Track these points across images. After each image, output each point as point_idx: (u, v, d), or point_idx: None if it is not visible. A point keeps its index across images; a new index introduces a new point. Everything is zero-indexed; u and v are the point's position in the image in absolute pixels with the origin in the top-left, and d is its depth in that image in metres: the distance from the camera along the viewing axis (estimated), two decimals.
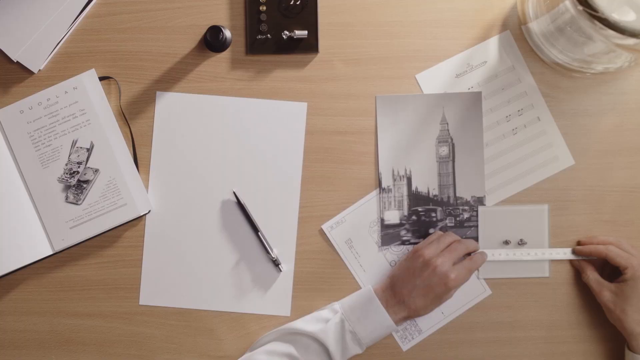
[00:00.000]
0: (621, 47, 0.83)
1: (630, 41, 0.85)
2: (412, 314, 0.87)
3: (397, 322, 0.87)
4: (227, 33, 0.92)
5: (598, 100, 0.94)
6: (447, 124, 0.94)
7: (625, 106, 0.94)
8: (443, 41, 0.94)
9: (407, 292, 0.86)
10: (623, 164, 0.94)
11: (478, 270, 0.94)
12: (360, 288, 0.93)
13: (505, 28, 0.94)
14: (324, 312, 0.89)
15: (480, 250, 0.92)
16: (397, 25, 0.94)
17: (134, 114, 0.94)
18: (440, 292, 0.86)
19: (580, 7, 0.84)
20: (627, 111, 0.94)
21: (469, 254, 0.91)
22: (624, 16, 0.83)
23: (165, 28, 0.94)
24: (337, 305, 0.89)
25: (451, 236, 0.90)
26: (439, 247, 0.88)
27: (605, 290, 0.89)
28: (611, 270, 0.91)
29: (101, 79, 0.93)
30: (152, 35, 0.94)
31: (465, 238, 0.93)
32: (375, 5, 0.94)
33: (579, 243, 0.93)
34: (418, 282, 0.86)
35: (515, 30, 0.94)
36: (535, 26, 0.91)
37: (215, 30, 0.90)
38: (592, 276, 0.91)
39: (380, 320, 0.86)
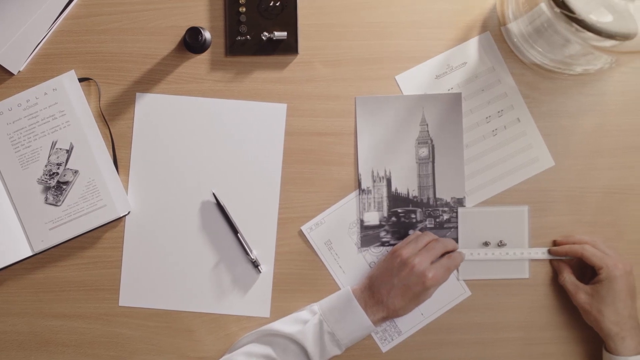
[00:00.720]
0: (598, 49, 0.83)
1: (608, 43, 0.85)
2: (391, 314, 0.87)
3: (376, 322, 0.87)
4: (207, 34, 0.92)
5: (578, 101, 0.94)
6: (427, 125, 0.94)
7: (605, 107, 0.94)
8: (423, 42, 0.94)
9: (386, 292, 0.86)
10: (603, 165, 0.94)
11: (457, 270, 0.94)
12: (340, 289, 0.93)
13: (485, 29, 0.94)
14: (303, 314, 0.89)
15: (458, 250, 0.92)
16: (377, 27, 0.94)
17: (113, 115, 0.94)
18: (418, 291, 0.86)
19: (557, 10, 0.84)
20: (608, 112, 0.94)
21: (448, 253, 0.91)
22: (601, 18, 0.83)
23: (145, 29, 0.94)
24: (315, 306, 0.89)
25: (429, 235, 0.90)
26: (416, 247, 0.88)
27: (580, 292, 0.89)
28: (592, 275, 0.91)
29: (81, 80, 0.93)
30: (132, 37, 0.94)
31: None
32: (355, 7, 0.94)
33: (555, 243, 0.93)
34: (396, 281, 0.86)
35: (495, 31, 0.94)
36: (515, 27, 0.91)
37: (194, 32, 0.90)
38: (568, 278, 0.91)
39: (359, 321, 0.86)
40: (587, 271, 0.93)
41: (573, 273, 0.91)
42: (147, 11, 0.94)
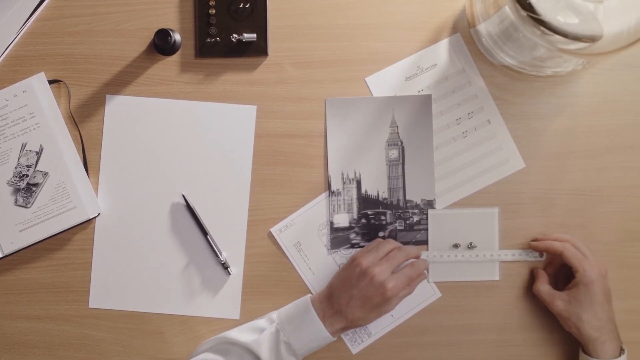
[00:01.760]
0: (564, 52, 0.82)
1: (574, 45, 0.85)
2: (351, 325, 0.86)
3: (334, 333, 0.86)
4: (177, 36, 0.92)
5: (549, 103, 0.94)
6: (397, 126, 0.94)
7: (576, 109, 0.94)
8: (393, 44, 0.94)
9: (345, 303, 0.85)
10: (574, 167, 0.94)
11: (427, 272, 0.93)
12: (310, 291, 0.93)
13: (455, 31, 0.94)
14: (261, 322, 0.88)
15: (422, 257, 0.91)
16: (347, 28, 0.94)
17: (83, 117, 0.94)
18: (378, 302, 0.85)
19: (523, 13, 0.84)
20: (578, 114, 0.94)
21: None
22: (567, 20, 0.83)
23: (115, 31, 0.94)
24: (274, 314, 0.88)
25: (391, 243, 0.89)
26: (377, 255, 0.87)
27: (557, 300, 0.88)
28: (564, 282, 0.91)
29: (51, 82, 0.93)
30: (102, 39, 0.94)
31: (415, 242, 0.93)
32: (325, 8, 0.94)
33: (534, 240, 0.92)
34: (355, 292, 0.85)
35: (465, 33, 0.94)
36: (483, 29, 0.90)
37: (163, 34, 0.90)
38: (542, 287, 0.89)
39: (316, 331, 0.85)
40: (559, 279, 0.92)
41: (548, 282, 0.90)
42: (117, 13, 0.94)
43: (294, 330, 0.85)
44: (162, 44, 0.90)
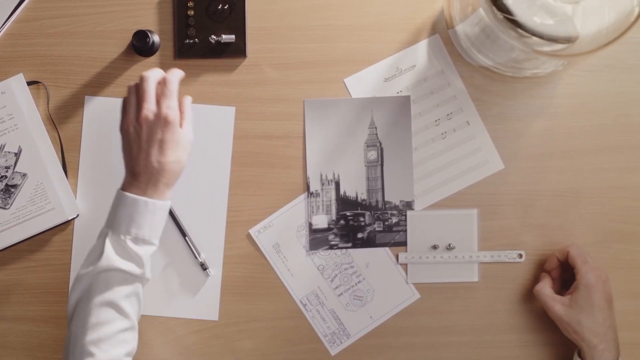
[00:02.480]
0: (540, 54, 0.82)
1: (551, 47, 0.85)
2: (165, 175, 0.81)
3: (159, 195, 0.81)
4: (155, 37, 0.92)
5: (528, 104, 0.94)
6: (376, 128, 0.94)
7: (555, 110, 0.94)
8: (372, 45, 0.94)
9: (143, 162, 0.80)
10: (553, 168, 0.94)
11: (407, 273, 0.93)
12: (289, 292, 0.93)
13: (434, 32, 0.94)
14: (95, 244, 0.82)
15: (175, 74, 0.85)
16: (325, 30, 0.94)
17: (62, 119, 0.94)
18: (164, 132, 0.80)
19: (499, 14, 0.83)
20: (557, 115, 0.94)
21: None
22: (543, 22, 0.83)
23: (94, 32, 0.94)
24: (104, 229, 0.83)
25: (134, 89, 0.83)
26: (134, 107, 0.82)
27: (557, 304, 0.87)
28: (565, 288, 0.91)
29: (29, 83, 0.93)
30: (81, 40, 0.94)
31: (394, 243, 0.93)
32: (303, 10, 0.93)
33: (545, 269, 0.93)
34: (143, 145, 0.80)
35: (444, 34, 0.94)
36: (461, 30, 0.90)
37: (141, 35, 0.90)
38: (544, 290, 0.88)
39: (133, 204, 0.80)
40: (559, 285, 0.92)
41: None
42: (96, 14, 0.94)
43: (124, 221, 0.80)
44: (140, 45, 0.90)
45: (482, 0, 0.81)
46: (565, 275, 0.92)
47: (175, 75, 0.85)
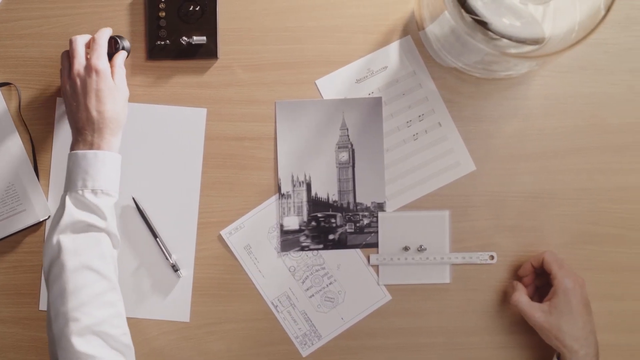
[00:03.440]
0: (508, 55, 0.82)
1: (519, 49, 0.85)
2: (103, 124, 0.83)
3: (100, 144, 0.83)
4: (125, 43, 0.91)
5: (500, 105, 0.94)
6: (347, 129, 0.94)
7: (527, 111, 0.94)
8: (343, 46, 0.94)
9: (84, 114, 0.83)
10: (525, 169, 0.94)
11: (378, 275, 0.93)
12: (260, 294, 0.94)
13: (406, 33, 0.94)
14: (57, 208, 0.83)
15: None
16: (297, 31, 0.94)
17: (34, 120, 0.94)
18: (98, 82, 0.83)
19: (469, 18, 0.83)
20: (530, 116, 0.94)
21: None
22: (510, 24, 0.83)
23: (66, 34, 0.94)
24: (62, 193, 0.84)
25: (67, 53, 0.87)
26: (67, 68, 0.86)
27: (537, 311, 0.86)
28: (541, 297, 0.91)
29: (1, 84, 0.93)
30: (53, 42, 0.94)
31: (365, 244, 0.93)
32: (275, 11, 0.93)
33: (519, 274, 0.92)
34: (80, 98, 0.83)
35: (415, 35, 0.94)
36: (431, 32, 0.90)
37: (111, 42, 0.89)
38: (522, 299, 0.88)
39: (83, 159, 0.82)
40: (532, 291, 0.92)
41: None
42: (68, 16, 0.94)
43: (79, 177, 0.82)
44: (110, 51, 0.89)
45: (449, 3, 0.81)
46: (538, 282, 0.92)
47: (103, 32, 0.87)
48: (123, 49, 0.90)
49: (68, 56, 0.87)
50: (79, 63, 0.85)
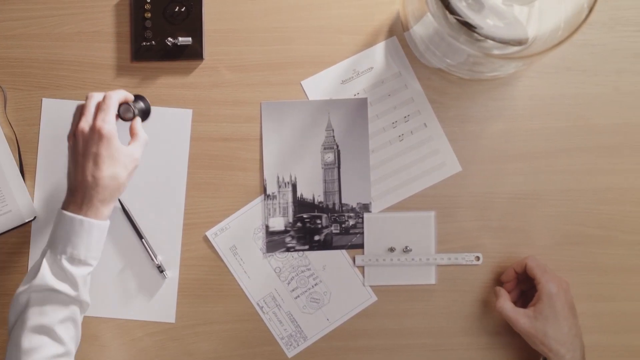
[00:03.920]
0: (492, 56, 0.82)
1: (502, 50, 0.85)
2: (95, 190, 0.79)
3: (88, 211, 0.80)
4: (142, 104, 0.89)
5: (486, 106, 0.94)
6: (333, 130, 0.94)
7: (513, 112, 0.94)
8: (329, 47, 0.94)
9: (80, 176, 0.80)
10: (511, 170, 0.94)
11: (363, 276, 0.93)
12: (246, 295, 0.93)
13: (392, 34, 0.94)
14: (36, 261, 0.81)
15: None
16: (282, 32, 0.94)
17: (19, 121, 0.94)
18: (99, 146, 0.79)
19: (453, 19, 0.83)
20: (515, 117, 0.94)
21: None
22: (493, 25, 0.83)
23: (52, 35, 0.94)
24: (45, 247, 0.82)
25: (81, 107, 0.83)
26: (76, 123, 0.82)
27: (522, 317, 0.86)
28: (525, 302, 0.90)
29: None
30: (39, 42, 0.94)
31: (350, 245, 0.93)
32: (260, 12, 0.93)
33: (502, 279, 0.92)
34: (79, 158, 0.80)
35: (401, 36, 0.94)
36: (416, 33, 0.90)
37: (124, 108, 0.85)
38: (506, 305, 0.87)
39: (69, 223, 0.79)
40: (516, 296, 0.92)
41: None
42: (53, 17, 0.94)
43: (61, 240, 0.79)
44: (125, 117, 0.86)
45: (432, 5, 0.81)
46: (523, 285, 0.92)
47: (116, 92, 0.84)
48: (134, 115, 0.86)
49: (80, 111, 0.83)
50: (86, 121, 0.81)
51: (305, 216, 0.94)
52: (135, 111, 0.86)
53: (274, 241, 0.94)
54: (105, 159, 0.80)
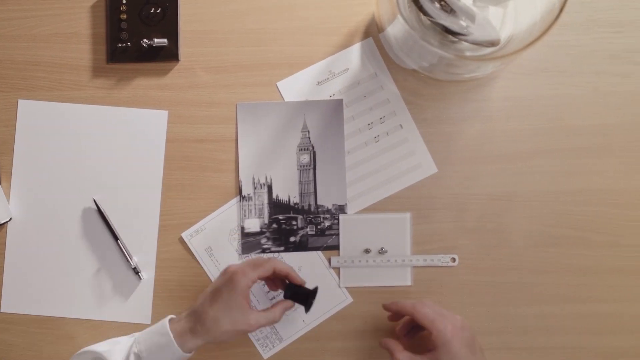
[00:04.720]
0: (465, 58, 0.82)
1: (482, 50, 0.85)
2: (206, 334, 0.82)
3: (189, 348, 0.83)
4: (306, 298, 0.87)
5: (462, 107, 0.94)
6: (309, 131, 0.94)
7: (489, 113, 0.94)
8: (304, 48, 0.94)
9: (199, 300, 0.84)
10: (487, 171, 0.94)
11: (339, 277, 0.93)
12: None
13: (367, 35, 0.94)
14: (124, 338, 0.86)
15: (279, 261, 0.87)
16: (258, 33, 0.94)
17: None
18: (222, 284, 0.82)
19: (427, 21, 0.83)
20: (491, 118, 0.94)
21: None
22: (466, 26, 0.83)
23: (28, 36, 0.94)
24: (138, 333, 0.86)
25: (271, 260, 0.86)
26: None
27: None
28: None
29: None
30: (15, 44, 0.94)
31: (326, 247, 0.93)
32: (236, 13, 0.93)
33: (385, 307, 0.88)
34: (206, 291, 0.84)
35: (377, 37, 0.94)
36: (391, 34, 0.90)
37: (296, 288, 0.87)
38: (402, 356, 0.83)
39: (165, 345, 0.82)
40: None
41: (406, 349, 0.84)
42: (29, 18, 0.94)
43: (146, 342, 0.83)
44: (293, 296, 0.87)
45: (404, 7, 0.81)
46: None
47: (284, 265, 0.86)
48: (291, 296, 0.87)
49: (256, 261, 0.84)
50: (239, 265, 0.83)
51: (280, 217, 0.94)
52: (290, 293, 0.87)
53: (250, 242, 0.94)
54: (220, 300, 0.81)
